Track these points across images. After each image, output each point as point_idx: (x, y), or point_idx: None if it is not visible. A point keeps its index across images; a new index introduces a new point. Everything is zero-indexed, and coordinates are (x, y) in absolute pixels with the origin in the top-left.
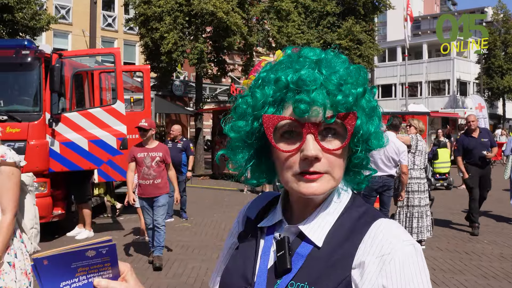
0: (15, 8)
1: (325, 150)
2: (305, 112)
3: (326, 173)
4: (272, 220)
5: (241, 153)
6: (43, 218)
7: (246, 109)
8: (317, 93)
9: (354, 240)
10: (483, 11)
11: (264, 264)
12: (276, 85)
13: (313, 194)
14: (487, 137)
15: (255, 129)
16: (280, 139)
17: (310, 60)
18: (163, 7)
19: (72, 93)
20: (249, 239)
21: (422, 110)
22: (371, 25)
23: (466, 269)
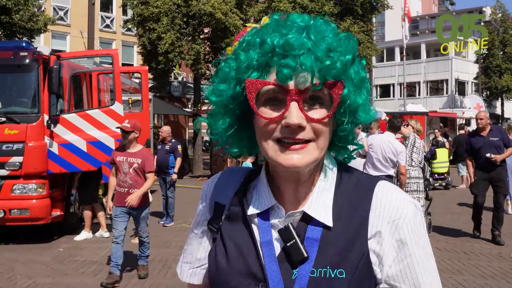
0: (12, 9)
1: (309, 119)
2: (287, 78)
3: (311, 141)
4: (261, 205)
5: (222, 119)
6: (42, 219)
7: (229, 73)
8: (305, 57)
9: (361, 212)
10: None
11: (270, 256)
12: (261, 48)
13: (294, 165)
14: (498, 136)
15: (237, 93)
16: (262, 105)
17: (298, 26)
18: (160, 8)
19: (70, 94)
20: (238, 230)
21: (420, 110)
22: (369, 25)
23: (464, 269)
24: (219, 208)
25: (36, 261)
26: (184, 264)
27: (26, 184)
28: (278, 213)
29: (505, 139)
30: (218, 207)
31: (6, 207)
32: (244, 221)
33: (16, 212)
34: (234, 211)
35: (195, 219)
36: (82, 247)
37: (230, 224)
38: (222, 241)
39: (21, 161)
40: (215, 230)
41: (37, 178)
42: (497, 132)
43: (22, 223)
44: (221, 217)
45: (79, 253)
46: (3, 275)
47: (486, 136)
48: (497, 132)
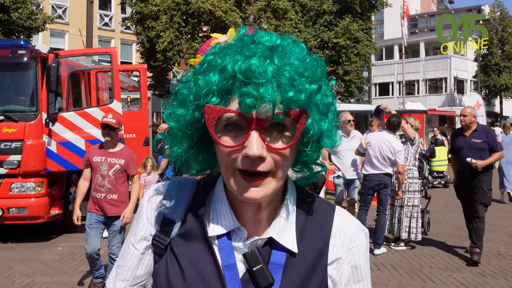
0: (11, 7)
1: (270, 148)
2: (251, 108)
3: (269, 175)
4: (222, 226)
5: (179, 143)
6: (40, 218)
7: (187, 96)
8: (266, 87)
9: (323, 238)
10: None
11: (233, 279)
12: (221, 74)
13: (254, 199)
14: (482, 138)
15: (196, 119)
16: (222, 131)
17: (264, 47)
18: (159, 6)
19: (68, 92)
20: (196, 250)
21: (419, 108)
22: (368, 23)
23: (463, 267)
24: (168, 223)
25: (35, 260)
26: (119, 282)
27: (25, 183)
28: (240, 235)
29: (491, 142)
30: (166, 222)
31: (5, 206)
32: (203, 242)
33: (15, 210)
34: (191, 229)
35: (135, 233)
36: (80, 245)
37: (186, 243)
38: (176, 260)
39: (19, 159)
40: (162, 247)
41: (35, 176)
42: (482, 133)
43: (20, 221)
44: (169, 233)
45: (78, 252)
46: (2, 273)
47: (469, 137)
48: (482, 133)
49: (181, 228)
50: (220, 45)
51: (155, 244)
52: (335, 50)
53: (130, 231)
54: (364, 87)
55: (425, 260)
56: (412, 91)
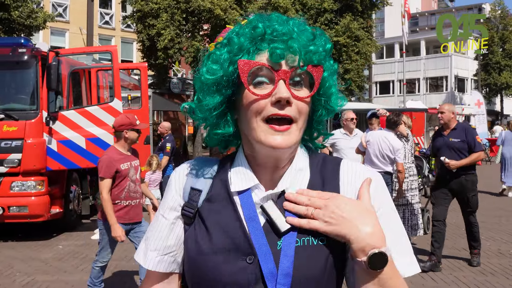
0: (11, 6)
1: (294, 96)
2: (281, 57)
3: (293, 123)
4: (243, 184)
5: (211, 97)
6: (41, 216)
7: (220, 55)
8: (292, 41)
9: (332, 186)
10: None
11: (256, 229)
12: (253, 32)
13: (280, 146)
14: (460, 137)
15: (230, 73)
16: (253, 85)
17: (281, 19)
18: (160, 4)
19: (69, 91)
20: (220, 208)
21: (420, 107)
22: (369, 21)
23: (464, 266)
24: (196, 193)
25: (35, 259)
26: (150, 252)
27: (25, 181)
28: (258, 191)
29: (470, 141)
30: (194, 192)
31: (5, 204)
32: (227, 200)
33: (15, 209)
34: (215, 192)
35: (165, 204)
36: (81, 244)
37: (211, 204)
38: (203, 223)
39: (20, 158)
40: (191, 215)
41: (36, 175)
42: (460, 131)
43: (21, 220)
44: (197, 202)
45: (78, 250)
46: (2, 272)
47: (447, 136)
48: (461, 132)
49: (207, 194)
50: (240, 24)
51: (184, 214)
52: (335, 49)
53: (160, 204)
54: (364, 85)
55: (425, 259)
56: (412, 90)
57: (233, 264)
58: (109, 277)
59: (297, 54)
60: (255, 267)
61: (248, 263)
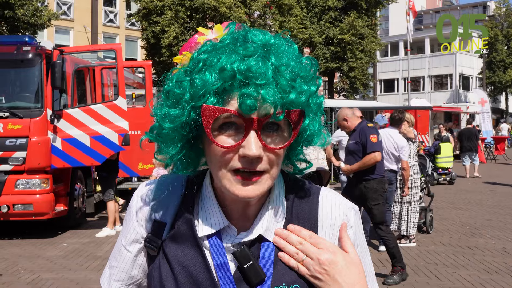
0: (16, 4)
1: (267, 148)
2: (252, 109)
3: (265, 173)
4: (212, 226)
5: (174, 144)
6: (45, 214)
7: (182, 96)
8: (267, 89)
9: (309, 225)
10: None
11: (226, 278)
12: (220, 74)
13: (248, 197)
14: (355, 139)
15: (192, 119)
16: (218, 131)
17: (258, 46)
18: (164, 1)
19: (73, 89)
20: (187, 253)
21: (424, 105)
22: (374, 19)
23: (469, 264)
24: (159, 226)
25: (40, 256)
26: (114, 282)
27: (30, 179)
28: (230, 233)
29: (363, 142)
30: (157, 225)
31: (10, 202)
32: (193, 243)
33: (20, 207)
34: (180, 231)
35: (126, 235)
36: (85, 242)
37: (176, 245)
38: (167, 263)
39: (25, 156)
40: (155, 249)
41: (40, 173)
42: (357, 133)
43: (26, 218)
44: (161, 236)
45: (83, 248)
46: (7, 269)
47: (349, 140)
48: (357, 133)
49: (171, 230)
50: (211, 42)
51: (148, 246)
52: (340, 47)
53: (120, 233)
54: (369, 83)
55: (430, 257)
56: (417, 88)
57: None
58: None
59: (272, 105)
60: None
61: None
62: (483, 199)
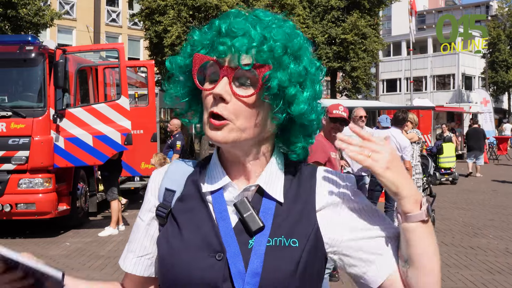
0: (19, 4)
1: (233, 94)
2: (222, 54)
3: (229, 122)
4: (215, 183)
5: (178, 86)
6: (48, 213)
7: (185, 48)
8: (238, 39)
9: (309, 190)
10: (488, 5)
11: (225, 227)
12: (210, 29)
13: (216, 140)
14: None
15: (187, 65)
16: (206, 80)
17: (256, 17)
18: (167, 1)
19: (76, 88)
20: (192, 207)
21: (427, 105)
22: (376, 19)
23: (471, 264)
24: (170, 193)
25: (43, 255)
26: (128, 253)
27: (32, 178)
28: (231, 189)
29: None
30: (168, 193)
31: (13, 201)
32: (198, 199)
33: (23, 206)
34: (188, 192)
35: (143, 207)
36: (88, 241)
37: (183, 203)
38: (174, 221)
39: (27, 155)
40: (164, 215)
41: (43, 172)
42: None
43: (28, 217)
44: (170, 202)
45: (86, 248)
46: None
47: None
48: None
49: (180, 194)
50: None
51: (158, 214)
52: (342, 46)
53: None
54: (371, 83)
55: None
56: (419, 88)
57: (203, 261)
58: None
59: (238, 53)
60: (223, 265)
61: (217, 259)
62: (486, 199)
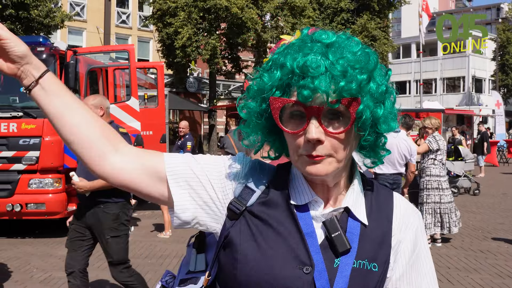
0: (30, 5)
1: (327, 133)
2: (308, 98)
3: (329, 156)
4: (302, 198)
5: (254, 132)
6: (58, 213)
7: (256, 91)
8: (320, 80)
9: (387, 212)
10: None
11: (312, 243)
12: (281, 71)
13: (318, 174)
14: None
15: (264, 110)
16: (288, 120)
17: (321, 44)
18: (177, 3)
19: (86, 89)
20: (279, 218)
21: (436, 107)
22: (386, 21)
23: (481, 268)
24: (248, 192)
25: (52, 255)
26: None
27: (43, 179)
28: (316, 206)
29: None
30: (246, 191)
31: (23, 201)
32: (285, 210)
33: (33, 206)
34: (273, 199)
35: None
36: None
37: (268, 209)
38: (255, 223)
39: (38, 155)
40: (238, 212)
41: (53, 172)
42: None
43: (38, 217)
44: (246, 201)
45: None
46: (20, 268)
47: None
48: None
49: (261, 197)
50: (285, 44)
51: (231, 209)
52: None
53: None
54: None
55: (442, 261)
56: (429, 90)
57: (290, 271)
58: None
59: (324, 93)
60: (310, 279)
61: (305, 273)
62: (496, 202)
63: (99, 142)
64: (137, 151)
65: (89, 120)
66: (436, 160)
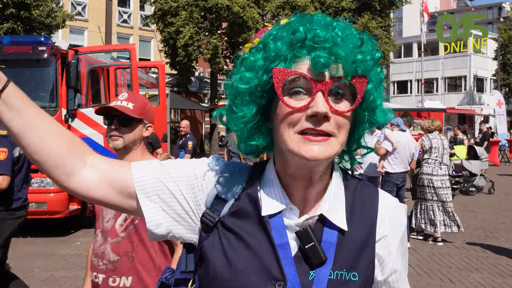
0: (31, 5)
1: (333, 110)
2: (325, 66)
3: (332, 136)
4: (274, 206)
5: (247, 107)
6: (59, 213)
7: (255, 62)
8: (337, 48)
9: (370, 217)
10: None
11: (286, 257)
12: (292, 37)
13: (315, 157)
14: None
15: (264, 82)
16: (288, 96)
17: (324, 22)
18: (178, 2)
19: (88, 89)
20: (250, 230)
21: (438, 107)
22: (387, 20)
23: (482, 267)
24: (220, 202)
25: (54, 254)
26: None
27: (44, 178)
28: (291, 214)
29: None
30: (218, 201)
31: None
32: (257, 221)
33: (34, 205)
34: (244, 209)
35: (187, 170)
36: None
37: (239, 221)
38: (230, 237)
39: None
40: (211, 225)
41: None
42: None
43: (40, 216)
44: (220, 211)
45: None
46: (22, 267)
47: None
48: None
49: (232, 207)
50: (279, 25)
51: (204, 221)
52: None
53: (187, 166)
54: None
55: (443, 260)
56: (431, 89)
57: (263, 286)
58: None
59: (341, 63)
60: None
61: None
62: (497, 202)
63: (66, 159)
64: (105, 164)
65: (55, 135)
66: (430, 159)
